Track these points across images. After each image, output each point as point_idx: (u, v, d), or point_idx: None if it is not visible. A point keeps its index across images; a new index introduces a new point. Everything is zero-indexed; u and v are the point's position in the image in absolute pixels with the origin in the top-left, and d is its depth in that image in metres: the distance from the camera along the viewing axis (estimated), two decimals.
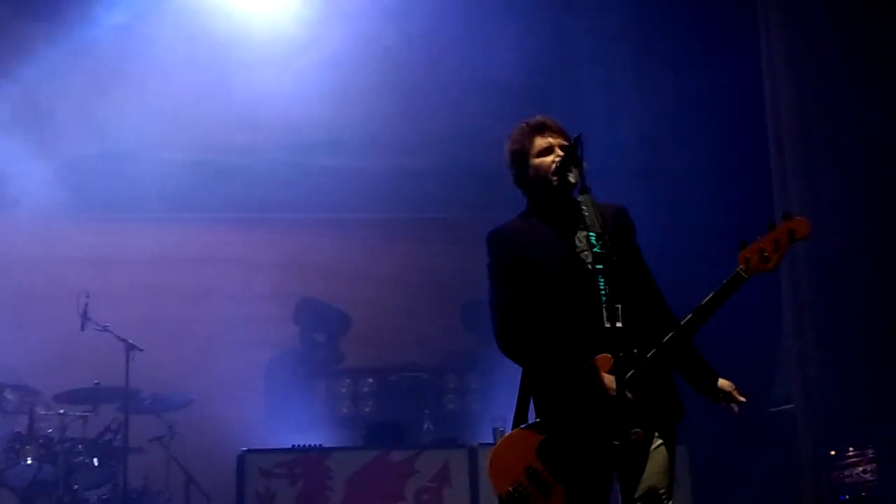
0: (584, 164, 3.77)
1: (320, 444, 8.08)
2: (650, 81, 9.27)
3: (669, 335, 3.53)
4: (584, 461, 3.58)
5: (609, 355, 3.57)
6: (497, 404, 8.29)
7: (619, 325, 3.57)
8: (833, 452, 6.71)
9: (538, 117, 3.93)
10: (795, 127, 7.47)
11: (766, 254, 3.51)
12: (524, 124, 3.93)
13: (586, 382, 3.57)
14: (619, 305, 3.58)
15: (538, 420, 3.74)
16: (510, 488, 3.66)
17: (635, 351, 3.55)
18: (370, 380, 9.77)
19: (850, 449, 6.58)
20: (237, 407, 8.92)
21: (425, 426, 9.19)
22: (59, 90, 8.88)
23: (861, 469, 6.49)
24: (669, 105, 8.96)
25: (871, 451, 6.44)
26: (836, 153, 7.27)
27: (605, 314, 3.59)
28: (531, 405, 3.80)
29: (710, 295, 3.54)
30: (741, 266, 3.52)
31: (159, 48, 9.05)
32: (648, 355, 3.53)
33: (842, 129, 7.27)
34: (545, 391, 3.74)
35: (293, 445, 7.96)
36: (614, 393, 3.50)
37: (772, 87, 7.64)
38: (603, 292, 3.62)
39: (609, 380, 3.53)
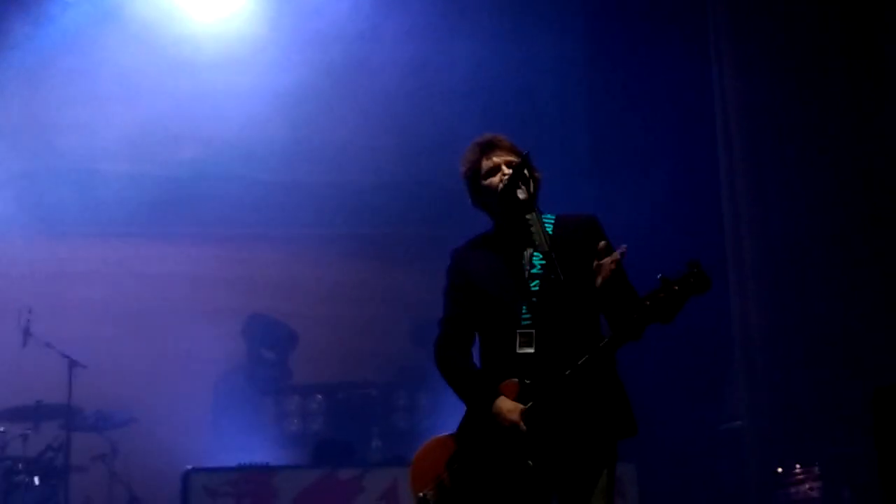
0: (538, 174, 3.78)
1: (267, 463, 7.98)
2: (600, 80, 9.33)
3: (567, 372, 3.48)
4: (480, 483, 3.61)
5: (517, 381, 3.58)
6: (447, 422, 8.21)
7: (530, 350, 3.58)
8: (780, 470, 6.76)
9: (486, 136, 3.91)
10: (743, 125, 7.52)
11: (662, 305, 3.36)
12: (473, 143, 3.90)
13: (484, 408, 3.59)
14: (533, 331, 3.58)
15: (461, 430, 3.77)
16: (420, 494, 3.72)
17: (548, 379, 3.50)
18: (319, 396, 9.66)
19: (797, 466, 6.64)
20: (182, 425, 8.78)
21: (373, 444, 9.12)
22: (2, 103, 8.75)
23: (807, 486, 6.54)
24: (619, 106, 9.01)
25: (816, 469, 6.50)
26: (784, 153, 7.32)
27: (518, 339, 3.60)
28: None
29: (607, 339, 3.49)
30: (634, 315, 3.42)
31: (107, 62, 9.01)
32: (546, 388, 3.50)
33: (788, 125, 7.32)
34: (468, 407, 3.77)
35: (239, 464, 7.84)
36: (507, 423, 3.52)
37: (720, 83, 7.70)
38: (526, 315, 3.61)
39: (507, 408, 3.54)
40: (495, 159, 3.82)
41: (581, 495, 3.58)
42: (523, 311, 3.63)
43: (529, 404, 3.52)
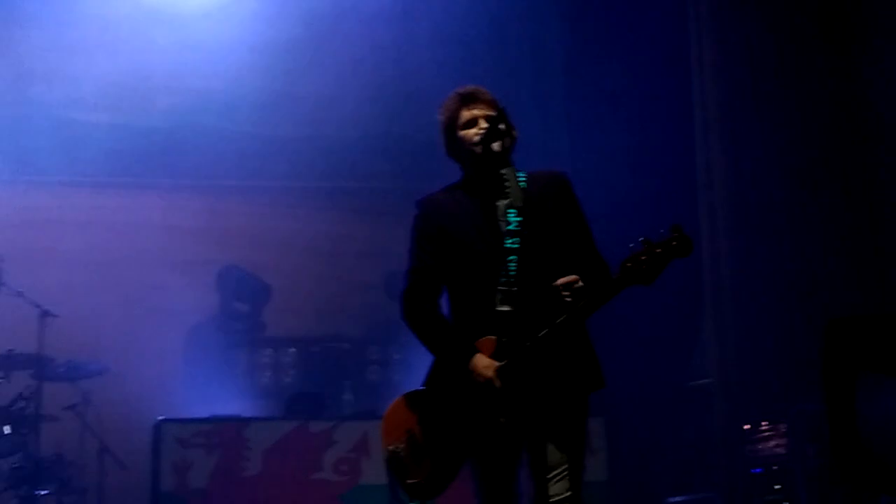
0: (514, 133, 3.77)
1: (239, 415, 8.01)
2: (579, 31, 9.33)
3: (544, 331, 3.49)
4: (452, 439, 3.62)
5: (494, 338, 3.59)
6: (419, 377, 8.24)
7: (507, 308, 3.57)
8: (747, 427, 6.82)
9: (468, 87, 3.91)
10: (719, 71, 7.52)
11: (643, 266, 3.40)
12: (454, 93, 3.90)
13: (459, 364, 3.59)
14: (516, 289, 3.58)
15: (433, 386, 3.77)
16: (391, 447, 3.73)
17: (525, 337, 3.51)
18: (292, 350, 9.67)
19: (764, 423, 6.70)
20: (154, 376, 8.75)
21: (345, 397, 9.15)
22: None
23: (774, 444, 6.60)
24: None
25: (783, 426, 6.56)
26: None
27: (498, 296, 3.60)
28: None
29: (585, 300, 3.47)
30: (615, 277, 3.45)
31: (87, 11, 8.89)
32: (527, 345, 3.51)
33: (762, 69, 7.34)
34: (441, 363, 3.77)
35: (211, 415, 7.87)
36: (482, 379, 3.53)
37: (696, 28, 7.70)
38: (508, 272, 3.60)
39: (483, 364, 3.55)
40: (476, 112, 3.82)
41: (552, 449, 3.61)
42: (508, 267, 3.62)
43: (505, 361, 3.54)
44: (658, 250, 3.39)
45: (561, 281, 3.51)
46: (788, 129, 7.22)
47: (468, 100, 3.85)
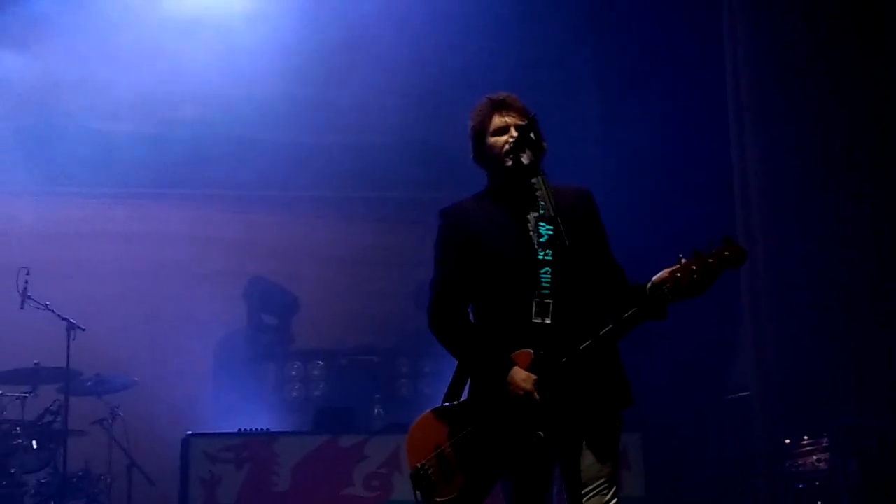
0: (544, 144, 3.69)
1: (267, 429, 7.93)
2: (610, 61, 9.23)
3: (586, 343, 3.44)
4: (487, 454, 3.53)
5: (531, 351, 3.51)
6: None
7: (547, 321, 3.50)
8: (787, 441, 6.70)
9: (501, 94, 3.83)
10: (753, 104, 7.41)
11: (695, 276, 3.34)
12: (486, 99, 3.83)
13: (496, 377, 3.51)
14: (551, 301, 3.51)
15: (464, 400, 3.68)
16: (418, 465, 3.63)
17: (562, 350, 3.45)
18: (321, 363, 9.58)
19: (805, 437, 6.58)
20: (182, 389, 8.71)
21: (375, 411, 9.05)
22: (8, 61, 8.66)
23: (815, 458, 6.51)
24: (629, 82, 8.92)
25: (824, 441, 6.44)
26: (796, 131, 7.21)
27: (534, 308, 3.53)
28: (467, 384, 3.73)
29: (633, 310, 3.41)
30: (668, 285, 3.37)
31: (108, 18, 8.88)
32: (564, 360, 3.44)
33: (802, 106, 7.22)
34: (475, 376, 3.68)
35: (240, 429, 7.81)
36: (521, 392, 3.45)
37: (733, 63, 7.58)
38: (541, 283, 3.53)
39: (521, 378, 3.47)
40: (507, 119, 3.75)
41: (587, 465, 3.54)
42: (543, 279, 3.55)
43: (542, 375, 3.46)
44: (710, 261, 3.34)
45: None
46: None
47: (500, 106, 3.79)
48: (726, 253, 3.34)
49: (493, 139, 3.75)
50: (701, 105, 8.03)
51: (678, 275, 3.36)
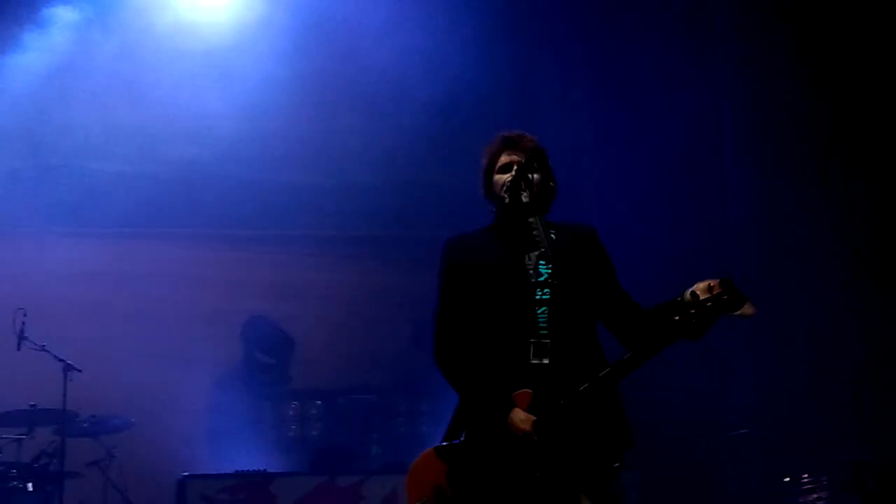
0: (552, 184, 3.73)
1: (264, 469, 7.89)
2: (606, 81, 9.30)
3: (585, 385, 3.41)
4: (486, 494, 3.52)
5: (530, 392, 3.51)
6: None
7: (545, 361, 3.51)
8: (787, 479, 6.67)
9: (514, 132, 3.86)
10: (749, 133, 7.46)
11: (694, 321, 3.27)
12: (499, 136, 3.86)
13: (496, 417, 3.51)
14: (548, 341, 3.52)
15: (464, 440, 3.67)
16: (417, 503, 3.64)
17: (561, 391, 3.43)
18: (318, 402, 9.55)
19: (805, 476, 6.55)
20: (178, 430, 8.67)
21: (373, 450, 9.00)
22: None
23: (815, 496, 6.48)
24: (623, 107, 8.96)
25: (824, 479, 6.44)
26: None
27: (531, 349, 3.53)
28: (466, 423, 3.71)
29: (631, 354, 3.38)
30: (676, 317, 3.31)
31: (104, 61, 8.94)
32: (562, 402, 3.42)
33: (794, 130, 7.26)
34: (470, 415, 3.67)
35: (236, 471, 7.77)
36: (520, 432, 3.45)
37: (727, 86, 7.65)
38: (538, 323, 3.54)
39: (520, 418, 3.47)
40: (514, 157, 3.77)
41: None
42: (540, 320, 3.56)
43: (542, 416, 3.45)
44: (709, 304, 3.30)
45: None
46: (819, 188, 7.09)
47: (509, 144, 3.81)
48: (724, 297, 3.28)
49: (497, 176, 3.77)
50: (696, 131, 8.08)
51: (677, 318, 3.29)
